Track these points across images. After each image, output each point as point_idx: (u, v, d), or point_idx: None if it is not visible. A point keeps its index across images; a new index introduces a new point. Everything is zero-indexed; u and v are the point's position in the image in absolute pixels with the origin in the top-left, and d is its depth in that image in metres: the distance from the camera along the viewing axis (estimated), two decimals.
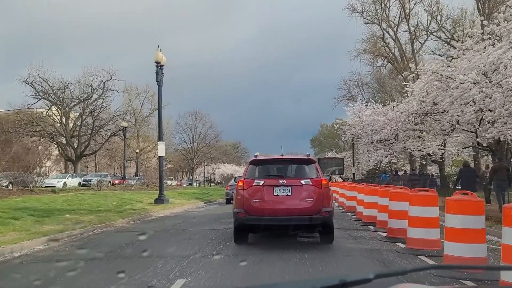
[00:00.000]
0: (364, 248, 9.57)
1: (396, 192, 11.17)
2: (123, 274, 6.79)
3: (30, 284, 6.70)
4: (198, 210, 22.08)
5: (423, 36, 46.50)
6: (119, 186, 37.47)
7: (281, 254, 8.57)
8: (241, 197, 9.49)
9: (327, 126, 78.26)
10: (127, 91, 78.74)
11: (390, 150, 30.94)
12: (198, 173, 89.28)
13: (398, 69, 45.66)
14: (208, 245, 10.04)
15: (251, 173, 9.93)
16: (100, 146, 60.74)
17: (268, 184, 9.44)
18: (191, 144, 71.85)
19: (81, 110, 58.90)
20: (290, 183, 9.45)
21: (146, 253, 8.67)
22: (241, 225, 9.61)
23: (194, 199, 27.47)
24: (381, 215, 12.41)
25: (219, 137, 75.50)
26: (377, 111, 31.97)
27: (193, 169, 72.47)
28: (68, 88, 58.16)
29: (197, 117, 72.16)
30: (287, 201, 9.34)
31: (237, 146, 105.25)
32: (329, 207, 9.41)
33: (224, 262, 8.16)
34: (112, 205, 19.51)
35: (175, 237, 11.68)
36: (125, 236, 12.16)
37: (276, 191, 9.37)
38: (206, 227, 13.44)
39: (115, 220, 15.26)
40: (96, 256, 8.85)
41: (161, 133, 23.01)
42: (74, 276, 6.85)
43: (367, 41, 47.38)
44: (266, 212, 9.26)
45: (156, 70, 22.45)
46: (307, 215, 9.18)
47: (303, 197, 9.36)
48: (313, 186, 9.42)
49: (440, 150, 29.67)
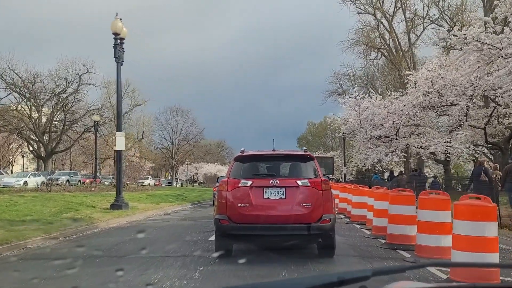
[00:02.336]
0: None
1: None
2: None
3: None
4: (164, 218, 17.33)
5: (419, 26, 42.42)
6: (79, 186, 32.38)
7: None
8: (224, 201, 7.86)
9: (314, 124, 73.91)
10: (105, 86, 73.45)
11: (391, 147, 26.59)
12: (181, 173, 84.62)
13: (393, 62, 41.51)
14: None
15: (237, 172, 8.22)
16: (73, 142, 55.50)
17: (257, 185, 7.84)
18: (172, 142, 66.66)
19: (53, 105, 53.95)
20: (284, 184, 7.85)
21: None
22: (224, 235, 7.85)
23: (164, 202, 22.68)
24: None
25: (201, 135, 70.53)
26: (377, 103, 27.63)
27: (173, 168, 67.24)
28: (41, 81, 53.24)
29: (178, 113, 67.06)
30: (280, 206, 7.79)
31: (222, 145, 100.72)
32: (330, 213, 7.86)
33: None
34: (49, 213, 14.67)
35: (94, 277, 6.82)
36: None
37: (267, 194, 7.80)
38: (159, 252, 8.74)
39: (33, 237, 10.48)
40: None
41: (120, 121, 18.16)
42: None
43: (360, 32, 43.14)
44: (254, 220, 7.64)
45: (115, 43, 17.68)
46: (305, 223, 7.65)
47: (300, 201, 7.76)
48: (311, 188, 7.83)
49: (449, 148, 25.41)
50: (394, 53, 42.08)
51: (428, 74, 26.36)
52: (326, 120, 73.61)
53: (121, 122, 18.24)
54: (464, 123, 26.87)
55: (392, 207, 9.42)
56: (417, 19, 39.65)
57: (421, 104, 26.39)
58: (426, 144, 26.44)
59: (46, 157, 53.25)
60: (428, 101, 26.59)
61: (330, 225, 7.79)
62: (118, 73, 17.91)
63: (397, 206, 9.30)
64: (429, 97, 26.46)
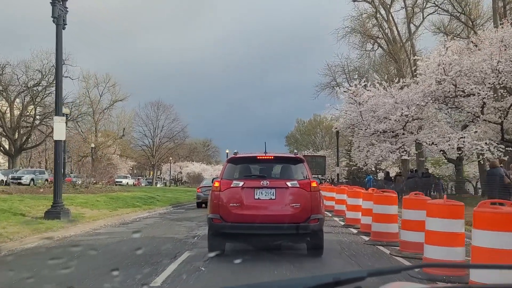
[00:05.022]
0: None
1: None
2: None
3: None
4: (114, 231, 12.60)
5: (419, 16, 38.30)
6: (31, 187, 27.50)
7: None
8: (217, 201, 7.92)
9: (304, 122, 69.41)
10: (84, 80, 68.52)
11: (398, 143, 22.28)
12: (165, 171, 79.85)
13: (392, 52, 37.32)
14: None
15: (230, 173, 8.36)
16: (44, 138, 50.37)
17: (249, 185, 7.93)
18: (153, 139, 61.51)
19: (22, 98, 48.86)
20: (274, 185, 7.91)
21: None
22: (216, 233, 7.91)
23: (125, 207, 17.97)
24: None
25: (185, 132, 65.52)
26: (381, 93, 23.36)
27: (154, 167, 62.14)
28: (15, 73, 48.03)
29: (159, 108, 61.86)
30: (270, 206, 7.87)
31: (208, 144, 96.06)
32: (319, 213, 7.89)
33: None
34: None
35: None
36: None
37: (258, 194, 7.86)
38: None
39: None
40: None
41: (59, 102, 13.41)
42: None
43: (355, 21, 38.87)
44: (246, 219, 7.75)
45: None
46: (294, 223, 7.68)
47: (289, 201, 7.87)
48: (300, 189, 7.91)
49: (466, 144, 21.23)
50: (392, 43, 37.91)
51: (441, 59, 22.18)
52: (315, 117, 69.53)
53: (60, 101, 13.47)
54: (480, 117, 22.78)
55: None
56: (420, 3, 35.42)
57: (433, 93, 22.20)
58: (438, 140, 22.25)
59: (14, 153, 48.09)
60: (441, 90, 22.43)
61: (318, 225, 7.88)
62: (58, 36, 13.26)
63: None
64: (442, 86, 22.30)
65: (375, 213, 9.84)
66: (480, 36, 24.26)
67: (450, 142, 21.44)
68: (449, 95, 22.38)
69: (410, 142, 22.52)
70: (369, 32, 38.97)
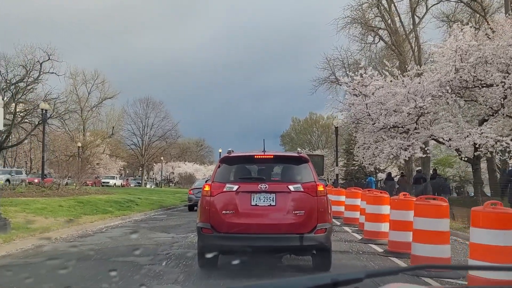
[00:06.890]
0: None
1: None
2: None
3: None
4: (61, 249, 9.54)
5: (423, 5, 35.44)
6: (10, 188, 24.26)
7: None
8: (208, 207, 6.86)
9: (299, 121, 66.43)
10: (72, 77, 65.12)
11: (411, 139, 19.32)
12: (156, 172, 76.60)
13: (395, 44, 34.44)
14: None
15: (223, 175, 7.20)
16: (25, 136, 47.26)
17: (244, 190, 6.85)
18: (142, 137, 58.17)
19: (3, 94, 45.74)
20: (274, 189, 6.84)
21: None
22: (207, 246, 6.82)
23: (93, 214, 14.79)
24: None
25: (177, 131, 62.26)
26: (391, 83, 20.43)
27: (143, 167, 58.78)
28: None
29: (149, 105, 58.46)
30: (270, 213, 6.82)
31: (201, 144, 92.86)
32: (326, 222, 6.83)
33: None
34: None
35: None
36: None
37: (255, 200, 6.81)
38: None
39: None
40: None
41: None
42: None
43: (356, 10, 35.93)
44: (241, 229, 6.73)
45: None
46: (297, 233, 6.66)
47: (292, 208, 6.80)
48: (305, 193, 6.86)
49: (489, 140, 18.36)
50: (396, 34, 35.04)
51: (458, 44, 19.29)
52: (311, 116, 66.67)
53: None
54: (502, 110, 19.94)
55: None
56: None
57: (450, 82, 19.30)
58: (456, 136, 19.34)
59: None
60: (458, 79, 19.53)
61: (325, 236, 6.81)
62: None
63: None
64: (460, 74, 19.41)
65: (417, 229, 7.27)
66: (498, 21, 21.54)
67: (471, 138, 18.55)
68: (467, 85, 19.52)
69: (424, 138, 19.61)
70: (370, 23, 36.07)
